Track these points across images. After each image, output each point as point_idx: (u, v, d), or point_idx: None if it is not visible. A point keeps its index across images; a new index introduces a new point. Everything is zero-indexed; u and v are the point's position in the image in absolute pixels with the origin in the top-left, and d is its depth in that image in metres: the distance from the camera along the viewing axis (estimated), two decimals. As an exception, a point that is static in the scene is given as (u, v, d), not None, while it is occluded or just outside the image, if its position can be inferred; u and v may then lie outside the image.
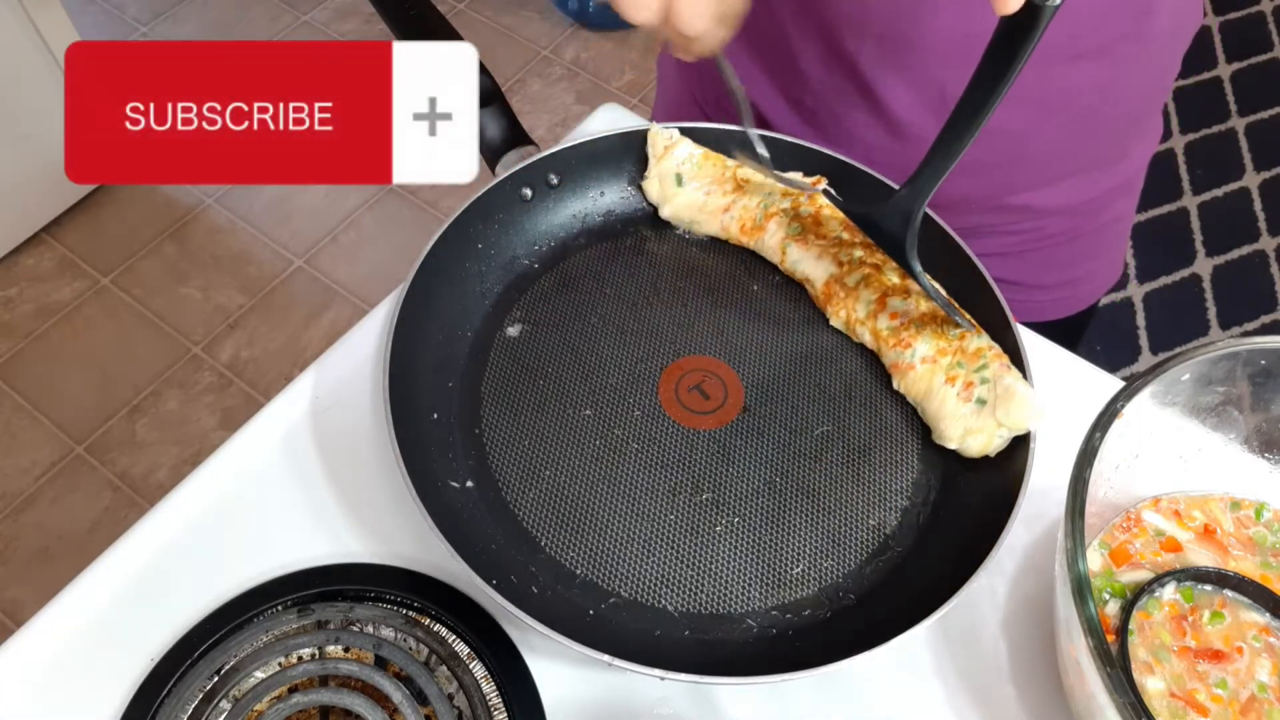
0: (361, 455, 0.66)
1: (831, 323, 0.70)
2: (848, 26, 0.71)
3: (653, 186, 0.74)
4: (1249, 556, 0.59)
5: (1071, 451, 0.53)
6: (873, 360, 0.70)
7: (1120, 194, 0.86)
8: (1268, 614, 0.57)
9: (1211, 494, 0.61)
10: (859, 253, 0.69)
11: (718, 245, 0.75)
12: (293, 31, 2.38)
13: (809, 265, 0.70)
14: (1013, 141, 0.74)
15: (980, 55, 0.68)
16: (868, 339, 0.68)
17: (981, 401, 0.62)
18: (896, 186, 0.71)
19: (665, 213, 0.74)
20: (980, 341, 0.64)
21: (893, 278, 0.68)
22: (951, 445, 0.63)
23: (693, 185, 0.73)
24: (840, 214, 0.70)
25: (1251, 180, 2.14)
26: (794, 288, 0.73)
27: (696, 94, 0.89)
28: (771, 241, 0.71)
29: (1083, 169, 0.80)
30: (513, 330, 0.70)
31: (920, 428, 0.67)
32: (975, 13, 0.65)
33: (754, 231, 0.72)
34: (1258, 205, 2.11)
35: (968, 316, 0.66)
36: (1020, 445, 0.61)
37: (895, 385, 0.67)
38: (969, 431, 0.62)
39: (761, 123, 0.81)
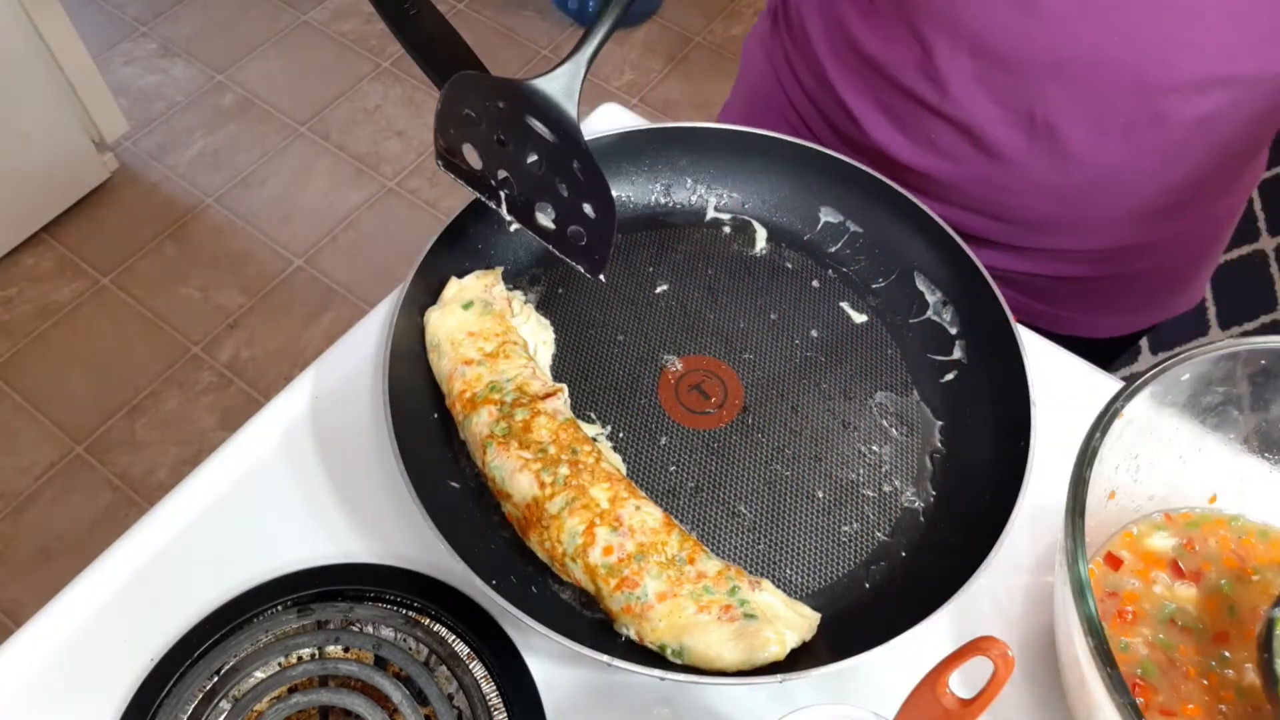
0: (361, 455, 0.66)
1: (537, 554, 0.60)
2: (943, 39, 0.69)
3: (450, 289, 0.68)
4: None
5: (1071, 451, 0.53)
6: (872, 362, 0.70)
7: (1213, 229, 0.84)
8: None
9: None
10: (564, 470, 0.60)
11: (717, 247, 0.75)
12: (292, 31, 2.38)
13: (506, 477, 0.61)
14: (1096, 169, 0.72)
15: (1074, 82, 0.66)
16: (580, 577, 0.58)
17: (751, 616, 0.55)
18: (922, 206, 0.71)
19: (432, 316, 0.67)
20: (715, 563, 0.58)
21: (602, 500, 0.59)
22: (744, 667, 0.55)
23: (471, 317, 0.66)
24: (555, 420, 0.62)
25: (1251, 180, 2.14)
26: (794, 289, 0.73)
27: (785, 87, 0.87)
28: (475, 430, 0.63)
29: (1171, 204, 0.76)
30: (513, 330, 0.70)
31: (921, 429, 0.67)
32: (1072, 38, 0.64)
33: (468, 406, 0.63)
34: (1258, 205, 2.10)
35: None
36: (1020, 445, 0.61)
37: (634, 635, 0.56)
38: (759, 644, 0.54)
39: (850, 121, 0.80)
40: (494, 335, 0.66)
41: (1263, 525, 0.61)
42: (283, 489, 0.65)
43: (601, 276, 0.62)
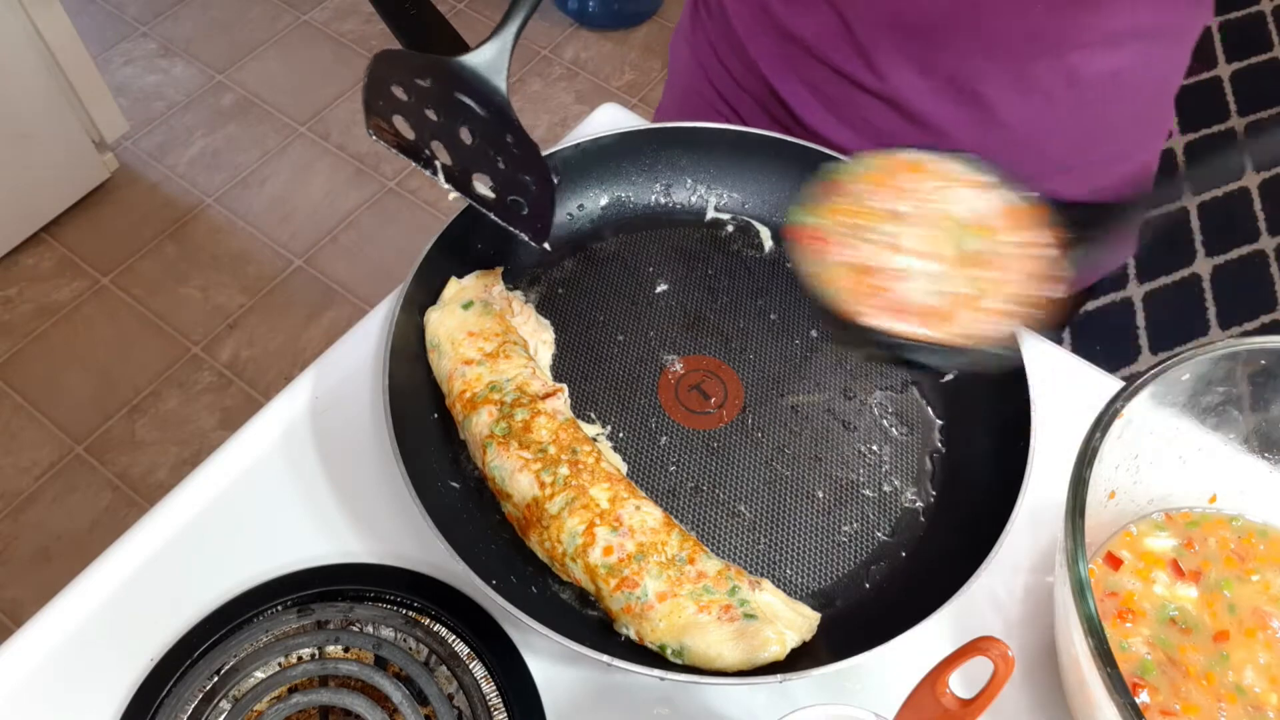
0: (361, 455, 0.66)
1: (537, 554, 0.60)
2: (864, 12, 0.70)
3: (450, 289, 0.68)
4: None
5: (1071, 451, 0.53)
6: (872, 362, 0.70)
7: (1131, 188, 0.86)
8: None
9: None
10: (564, 470, 0.60)
11: (717, 247, 0.75)
12: (292, 31, 2.38)
13: (506, 477, 0.60)
14: (1020, 131, 0.74)
15: (994, 45, 0.68)
16: (580, 577, 0.58)
17: (751, 616, 0.55)
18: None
19: (432, 316, 0.67)
20: (715, 563, 0.58)
21: (602, 500, 0.59)
22: (744, 667, 0.55)
23: (471, 317, 0.66)
24: (555, 420, 0.62)
25: (1251, 180, 2.14)
26: (794, 289, 0.73)
27: (714, 80, 0.88)
28: (476, 430, 0.62)
29: (1091, 161, 0.80)
30: (513, 330, 0.70)
31: (921, 429, 0.67)
32: (988, 7, 0.66)
33: (468, 406, 0.63)
34: (1258, 205, 2.10)
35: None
36: (1020, 445, 0.61)
37: (634, 635, 0.56)
38: (759, 644, 0.54)
39: (781, 107, 0.81)
40: (494, 335, 0.66)
41: (1263, 525, 0.61)
42: (282, 489, 0.65)
43: (546, 245, 0.62)
